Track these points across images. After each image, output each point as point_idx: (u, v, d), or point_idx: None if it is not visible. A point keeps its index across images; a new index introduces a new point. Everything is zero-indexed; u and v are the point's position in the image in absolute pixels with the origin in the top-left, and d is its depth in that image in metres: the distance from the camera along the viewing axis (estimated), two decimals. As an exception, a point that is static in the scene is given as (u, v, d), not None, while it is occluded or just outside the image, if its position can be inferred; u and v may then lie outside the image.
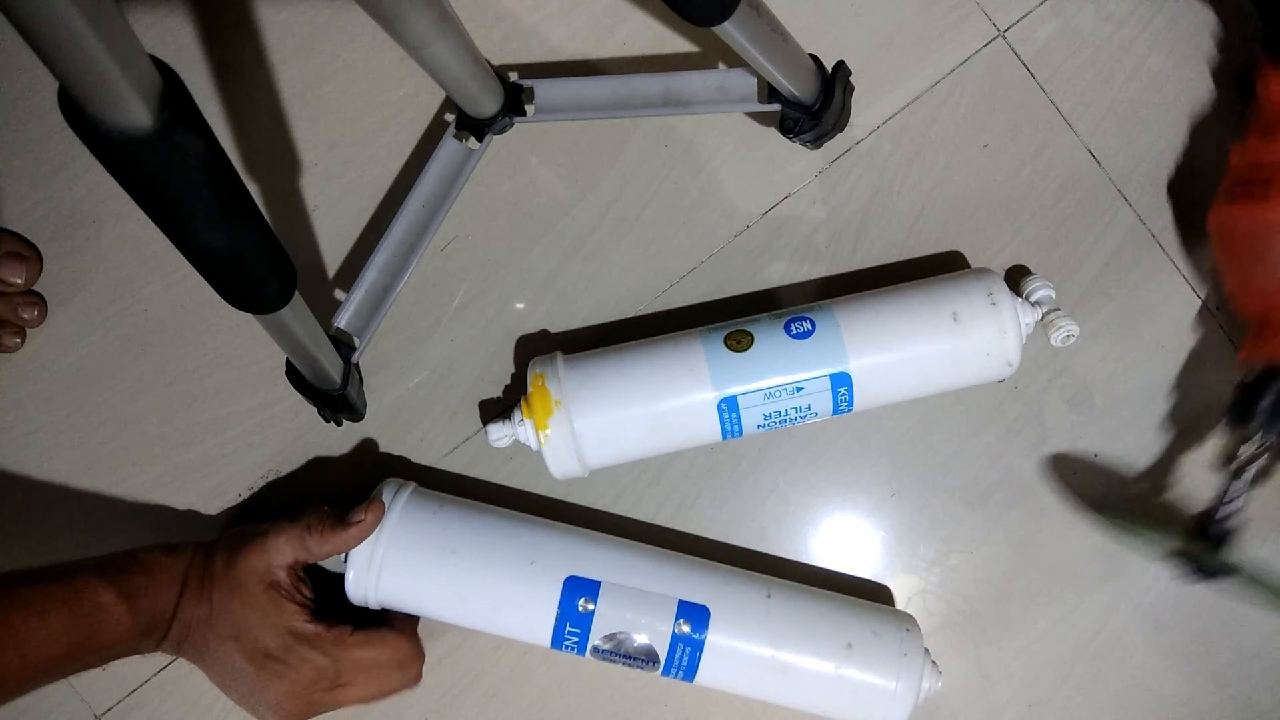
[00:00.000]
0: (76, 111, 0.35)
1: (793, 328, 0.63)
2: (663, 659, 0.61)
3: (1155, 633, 0.70)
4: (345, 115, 0.73)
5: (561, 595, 0.61)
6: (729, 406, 0.62)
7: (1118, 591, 0.70)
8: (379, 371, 0.72)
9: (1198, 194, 0.70)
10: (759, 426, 0.64)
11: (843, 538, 0.71)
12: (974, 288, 0.63)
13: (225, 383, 0.72)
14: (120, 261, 0.73)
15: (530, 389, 0.64)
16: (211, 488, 0.72)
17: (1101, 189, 0.71)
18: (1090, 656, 0.70)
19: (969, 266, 0.71)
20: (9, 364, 0.73)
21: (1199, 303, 0.70)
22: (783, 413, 0.63)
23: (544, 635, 0.62)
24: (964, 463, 0.71)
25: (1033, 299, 0.66)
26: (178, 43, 0.73)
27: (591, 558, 0.63)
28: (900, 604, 0.71)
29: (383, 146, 0.73)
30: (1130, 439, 0.70)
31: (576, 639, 0.61)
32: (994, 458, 0.71)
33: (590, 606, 0.61)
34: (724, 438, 0.64)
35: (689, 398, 0.63)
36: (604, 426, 0.63)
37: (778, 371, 0.62)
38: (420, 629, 0.67)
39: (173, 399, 0.72)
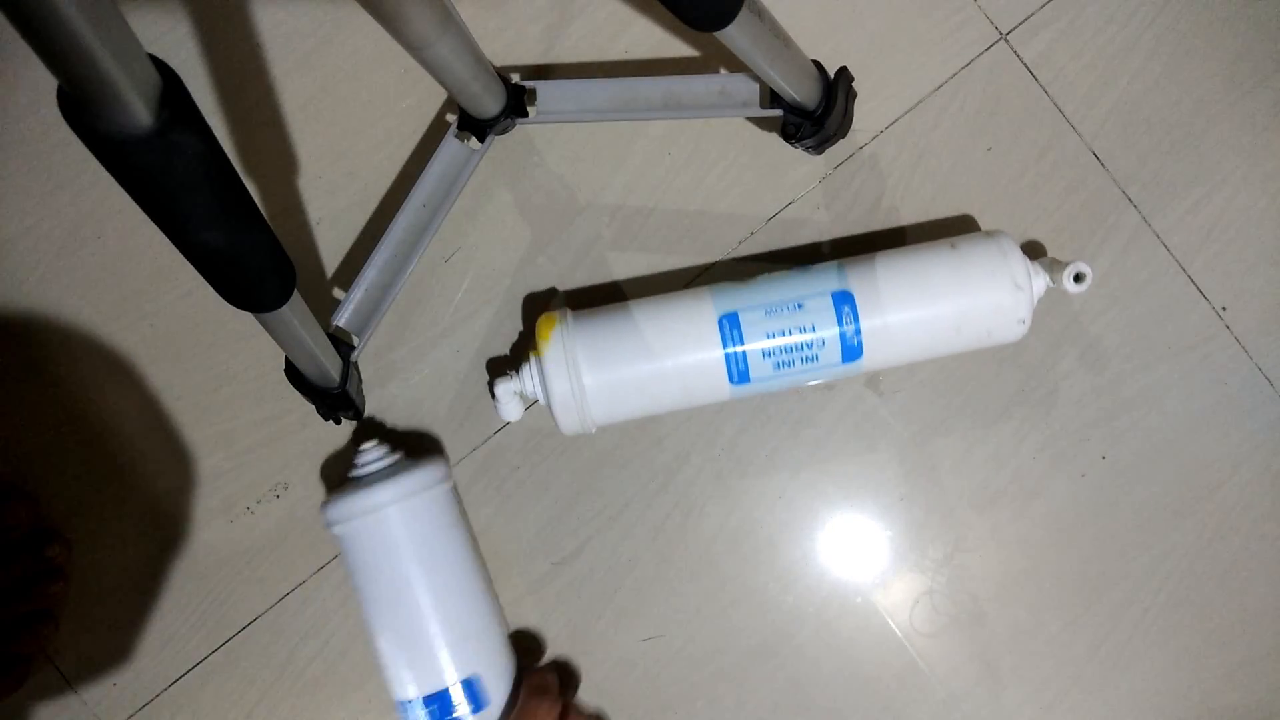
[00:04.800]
0: (75, 111, 0.33)
1: (794, 268, 0.62)
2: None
3: (1166, 634, 0.67)
4: (348, 128, 0.70)
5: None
6: (730, 324, 0.59)
7: (1128, 593, 0.67)
8: (385, 384, 0.69)
9: (1203, 194, 0.67)
10: (765, 355, 0.59)
11: (851, 542, 0.68)
12: (972, 232, 0.62)
13: (233, 396, 0.69)
14: (126, 276, 0.70)
15: (537, 338, 0.61)
16: (221, 501, 0.69)
17: (1106, 191, 0.68)
18: (1101, 659, 0.67)
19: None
20: (16, 381, 0.70)
21: (1206, 304, 0.67)
22: (787, 332, 0.59)
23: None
24: (972, 466, 0.67)
25: (1042, 265, 0.62)
26: (179, 59, 0.70)
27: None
28: (908, 604, 0.68)
29: (386, 158, 0.70)
30: (1138, 441, 0.67)
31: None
32: (1002, 461, 0.67)
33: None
34: (730, 374, 0.60)
35: (691, 320, 0.60)
36: (606, 355, 0.60)
37: (780, 292, 0.60)
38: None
39: (180, 413, 0.70)
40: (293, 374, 0.63)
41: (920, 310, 0.59)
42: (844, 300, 0.59)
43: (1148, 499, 0.67)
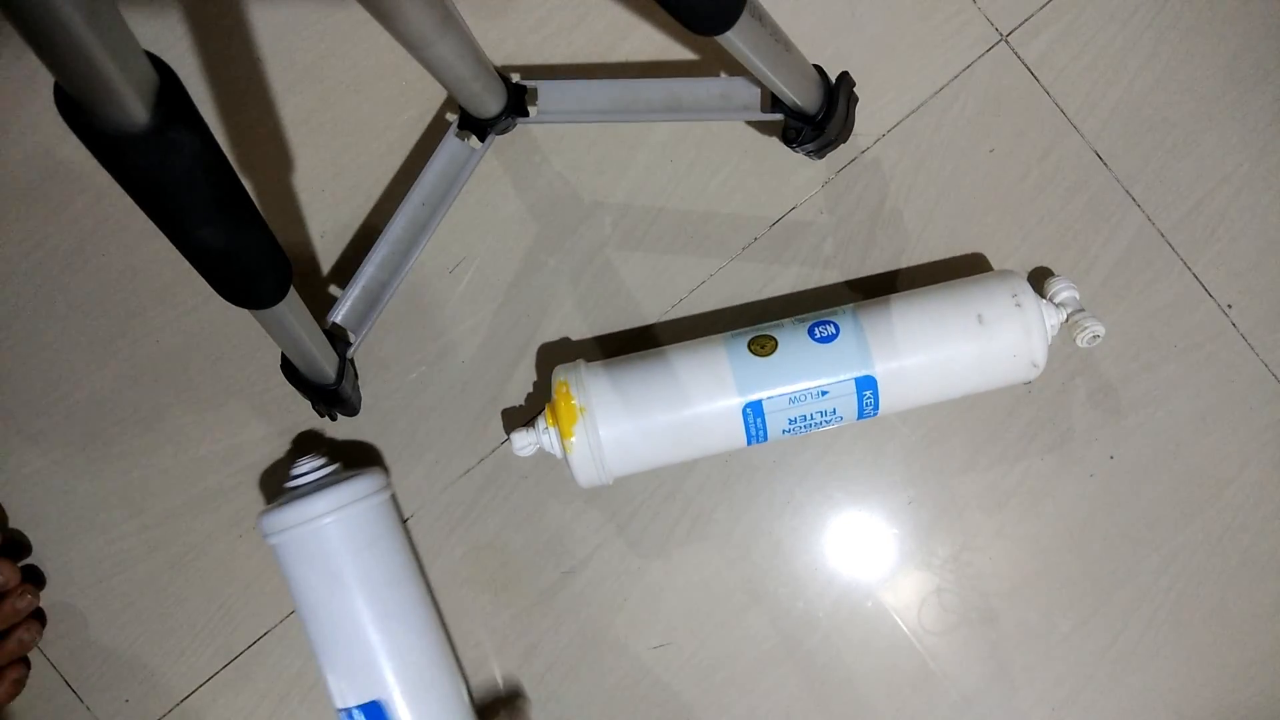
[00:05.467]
0: (73, 109, 0.33)
1: (816, 331, 0.60)
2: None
3: (1177, 633, 0.66)
4: (350, 141, 0.70)
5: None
6: (754, 411, 0.59)
7: (1138, 592, 0.66)
8: (392, 395, 0.69)
9: (1206, 192, 0.67)
10: (784, 431, 0.60)
11: (860, 546, 0.67)
12: (998, 289, 0.60)
13: (239, 411, 0.69)
14: (130, 293, 0.70)
15: (554, 397, 0.60)
16: (229, 516, 0.69)
17: (1109, 190, 0.67)
18: (1113, 658, 0.66)
19: (986, 268, 0.67)
20: (24, 398, 0.70)
21: (1212, 302, 0.66)
22: (808, 417, 0.59)
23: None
24: (980, 468, 0.67)
25: (1056, 300, 0.62)
26: (179, 74, 0.69)
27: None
28: (916, 603, 0.67)
29: (388, 170, 0.70)
30: (1147, 440, 0.67)
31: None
32: (1010, 462, 0.67)
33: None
34: (749, 443, 0.61)
35: (714, 405, 0.59)
36: (629, 434, 0.59)
37: (802, 376, 0.59)
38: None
39: (187, 429, 0.69)
40: (289, 370, 0.62)
41: (940, 390, 0.61)
42: (867, 384, 0.59)
43: (1156, 498, 0.67)
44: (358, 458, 0.69)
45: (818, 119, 0.61)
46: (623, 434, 0.59)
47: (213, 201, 0.40)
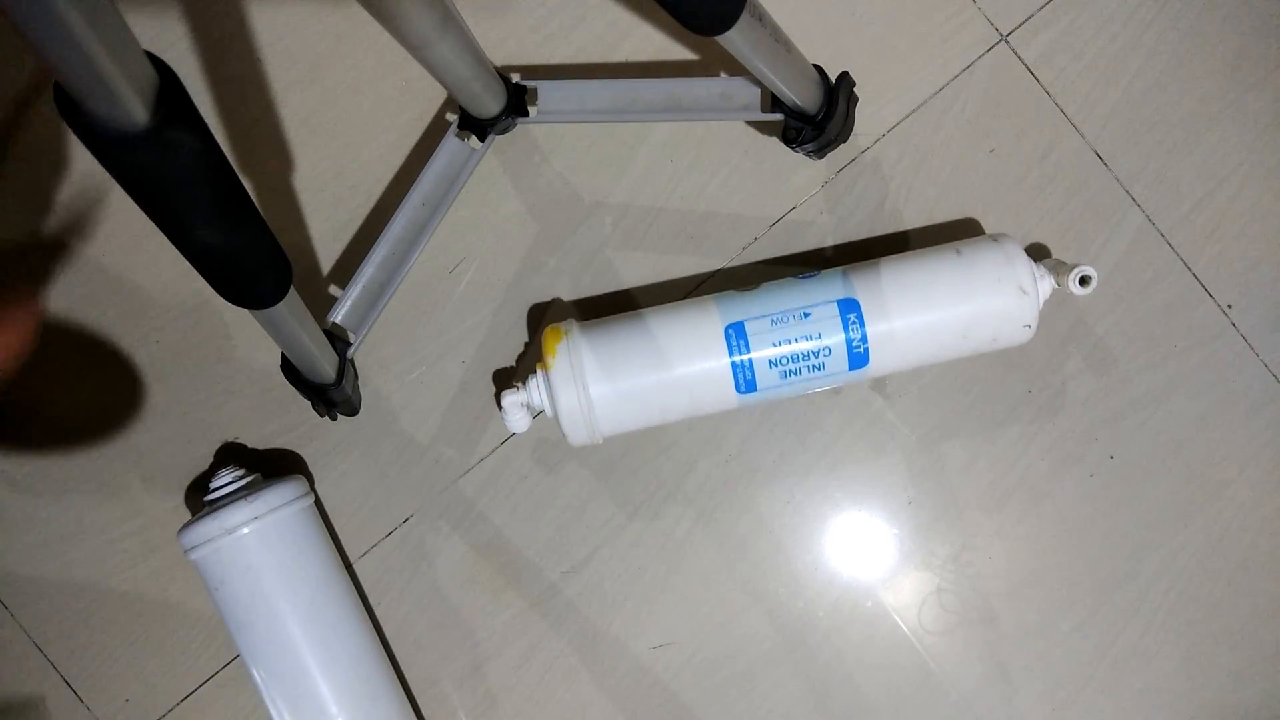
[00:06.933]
0: (72, 108, 0.33)
1: (799, 275, 0.62)
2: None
3: (1176, 633, 0.66)
4: (350, 141, 0.70)
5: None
6: (736, 334, 0.59)
7: (1138, 592, 0.66)
8: (392, 394, 0.69)
9: (1206, 192, 0.67)
10: (772, 364, 0.59)
11: (860, 546, 0.67)
12: (976, 235, 0.62)
13: (239, 410, 0.69)
14: (131, 293, 0.70)
15: (542, 337, 0.61)
16: (229, 515, 0.69)
17: (1109, 190, 0.67)
18: (1112, 658, 0.66)
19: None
20: (24, 398, 0.70)
21: (1212, 302, 0.66)
22: (796, 354, 0.59)
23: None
24: (980, 468, 0.67)
25: (1046, 266, 0.62)
26: (179, 75, 0.69)
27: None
28: (916, 603, 0.67)
29: (388, 170, 0.70)
30: (1146, 440, 0.67)
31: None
32: (1010, 462, 0.67)
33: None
34: (737, 384, 0.59)
35: (696, 330, 0.59)
36: (612, 366, 0.59)
37: (785, 301, 0.59)
38: (428, 667, 0.64)
39: (188, 428, 0.69)
40: (289, 370, 0.62)
41: (926, 316, 0.59)
42: (850, 308, 0.59)
43: (1156, 498, 0.66)
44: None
45: (818, 119, 0.61)
46: (610, 376, 0.59)
47: (213, 201, 0.40)
